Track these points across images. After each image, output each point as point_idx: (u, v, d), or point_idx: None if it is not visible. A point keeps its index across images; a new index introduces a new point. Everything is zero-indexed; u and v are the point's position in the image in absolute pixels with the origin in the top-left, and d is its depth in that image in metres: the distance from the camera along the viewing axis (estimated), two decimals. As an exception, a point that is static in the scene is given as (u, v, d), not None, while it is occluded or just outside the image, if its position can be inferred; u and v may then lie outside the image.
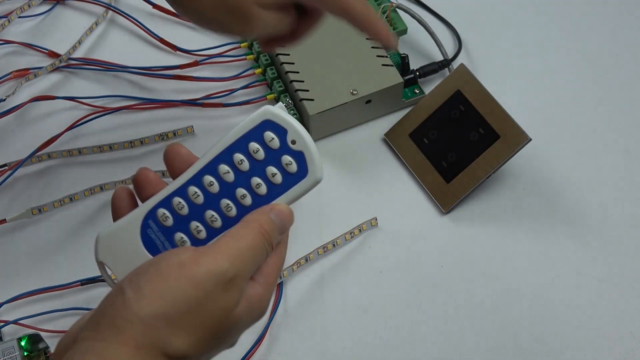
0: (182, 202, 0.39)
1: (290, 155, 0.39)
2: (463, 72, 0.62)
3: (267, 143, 0.39)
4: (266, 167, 0.39)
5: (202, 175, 0.39)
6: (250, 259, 0.37)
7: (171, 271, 0.34)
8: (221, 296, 0.35)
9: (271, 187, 0.39)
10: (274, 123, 0.39)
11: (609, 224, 0.61)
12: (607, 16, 0.74)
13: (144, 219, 0.39)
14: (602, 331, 0.55)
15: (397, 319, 0.56)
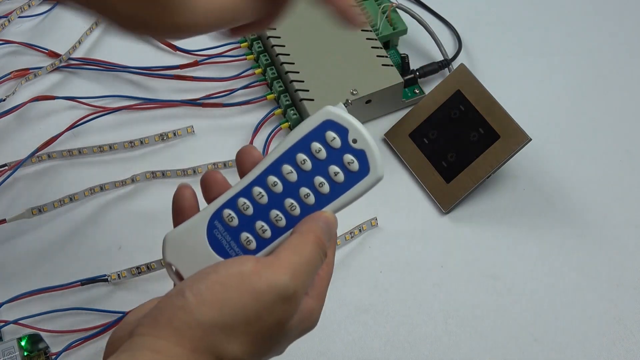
0: (247, 203, 0.39)
1: (351, 154, 0.39)
2: (463, 72, 0.62)
3: (329, 143, 0.39)
4: (328, 167, 0.39)
5: (267, 176, 0.39)
6: (309, 273, 0.37)
7: (233, 281, 0.35)
8: (279, 309, 0.35)
9: (333, 186, 0.39)
10: (335, 123, 0.40)
11: (609, 224, 0.61)
12: (607, 16, 0.74)
13: (210, 220, 0.40)
14: (602, 331, 0.55)
15: (397, 319, 0.56)
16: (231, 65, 0.69)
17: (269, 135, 0.63)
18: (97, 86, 0.69)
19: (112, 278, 0.57)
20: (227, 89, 0.67)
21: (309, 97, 0.63)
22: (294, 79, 0.64)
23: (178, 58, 0.70)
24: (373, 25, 0.68)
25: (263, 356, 0.37)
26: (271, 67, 0.67)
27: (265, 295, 0.35)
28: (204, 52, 0.70)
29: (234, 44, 0.70)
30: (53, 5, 0.75)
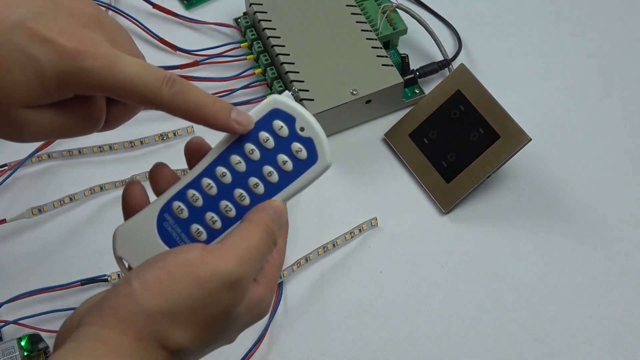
0: (196, 194, 0.39)
1: (299, 142, 0.39)
2: (463, 72, 0.62)
3: (277, 131, 0.39)
4: (277, 155, 0.39)
5: (215, 167, 0.39)
6: (256, 260, 0.37)
7: (178, 269, 0.35)
8: (225, 296, 0.35)
9: (282, 175, 0.39)
10: (282, 111, 0.39)
11: (609, 224, 0.61)
12: (607, 16, 0.74)
13: (159, 213, 0.40)
14: (602, 331, 0.55)
15: (397, 319, 0.56)
16: (231, 65, 0.69)
17: (269, 135, 0.63)
18: (97, 86, 0.69)
19: (112, 278, 0.57)
20: (227, 89, 0.67)
21: (309, 97, 0.63)
22: (294, 79, 0.64)
23: (178, 58, 0.70)
24: (373, 25, 0.68)
25: (210, 344, 0.37)
26: (271, 67, 0.67)
27: (210, 283, 0.35)
28: (204, 52, 0.70)
29: (234, 44, 0.70)
30: (53, 5, 0.75)
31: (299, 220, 0.61)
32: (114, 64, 0.36)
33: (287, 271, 0.57)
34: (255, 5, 0.68)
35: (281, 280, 0.57)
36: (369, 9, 0.69)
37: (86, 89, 0.36)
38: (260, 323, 0.56)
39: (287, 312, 0.57)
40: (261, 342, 0.55)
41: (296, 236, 0.60)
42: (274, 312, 0.56)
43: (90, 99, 0.38)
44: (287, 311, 0.57)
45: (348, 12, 0.68)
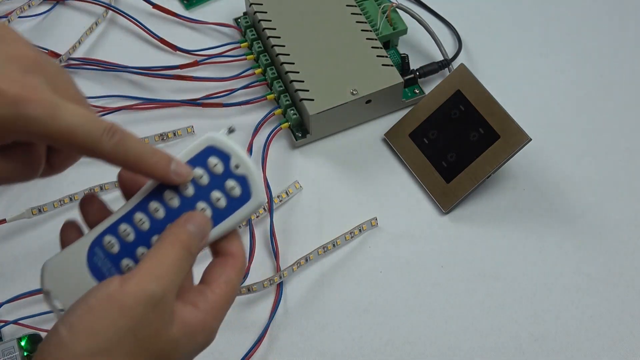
0: (128, 229, 0.39)
1: (234, 179, 0.39)
2: (463, 72, 0.62)
3: (211, 168, 0.39)
4: (211, 192, 0.39)
5: (149, 202, 0.39)
6: (174, 274, 0.36)
7: (101, 304, 0.34)
8: (151, 318, 0.35)
9: (216, 211, 0.39)
10: (218, 149, 0.39)
11: (609, 224, 0.61)
12: (608, 16, 0.74)
13: (90, 247, 0.39)
14: (602, 331, 0.56)
15: (397, 319, 0.56)
16: (231, 65, 0.69)
17: (269, 135, 0.64)
18: (97, 86, 0.69)
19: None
20: (227, 89, 0.67)
21: (309, 97, 0.63)
22: (294, 79, 0.64)
23: (178, 58, 0.70)
24: (373, 26, 0.68)
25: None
26: (271, 67, 0.67)
27: (133, 309, 0.34)
28: (204, 52, 0.70)
29: (234, 44, 0.70)
30: (53, 5, 0.75)
31: (299, 220, 0.61)
32: (55, 112, 0.35)
33: (287, 271, 0.57)
34: (255, 5, 0.68)
35: (281, 280, 0.57)
36: (369, 9, 0.69)
37: (26, 135, 0.35)
38: (260, 323, 0.56)
39: (287, 312, 0.57)
40: (261, 342, 0.55)
41: (296, 236, 0.60)
42: (274, 312, 0.56)
43: (29, 145, 0.38)
44: (287, 311, 0.57)
45: (348, 12, 0.68)
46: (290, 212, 0.62)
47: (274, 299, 0.57)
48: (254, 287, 0.56)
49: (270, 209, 0.60)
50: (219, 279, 0.39)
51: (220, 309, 0.39)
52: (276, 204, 0.62)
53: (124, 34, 0.73)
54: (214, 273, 0.39)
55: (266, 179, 0.61)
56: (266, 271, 0.59)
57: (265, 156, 0.63)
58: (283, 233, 0.60)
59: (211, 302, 0.38)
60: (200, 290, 0.38)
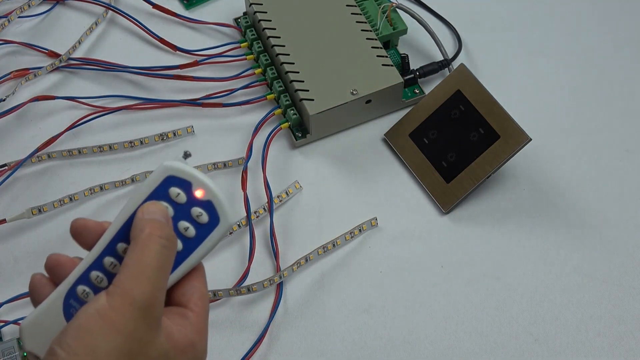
0: (100, 275, 0.38)
1: (199, 206, 0.38)
2: (463, 72, 0.62)
3: (174, 199, 0.38)
4: (178, 223, 0.38)
5: (116, 244, 0.38)
6: (157, 270, 0.36)
7: (93, 323, 0.35)
8: (143, 329, 0.35)
9: (186, 241, 0.38)
10: (177, 178, 0.38)
11: (609, 224, 0.61)
12: (608, 16, 0.74)
13: (65, 299, 0.38)
14: (602, 331, 0.55)
15: (397, 319, 0.56)
16: (231, 65, 0.69)
17: (268, 135, 0.64)
18: (97, 86, 0.69)
19: None
20: (227, 89, 0.67)
21: (309, 97, 0.63)
22: (294, 79, 0.64)
23: (178, 58, 0.70)
24: (373, 26, 0.68)
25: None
26: (271, 67, 0.67)
27: (124, 325, 0.35)
28: (204, 52, 0.70)
29: (234, 44, 0.70)
30: (53, 5, 0.75)
31: (299, 220, 0.61)
32: None
33: (287, 271, 0.57)
34: (255, 5, 0.68)
35: (281, 280, 0.57)
36: (369, 9, 0.69)
37: None
38: (260, 323, 0.56)
39: (287, 312, 0.57)
40: (261, 342, 0.55)
41: (296, 236, 0.60)
42: (274, 312, 0.56)
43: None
44: (287, 311, 0.57)
45: (348, 12, 0.68)
46: (290, 212, 0.62)
47: (274, 299, 0.57)
48: (254, 287, 0.56)
49: (270, 209, 0.60)
50: (193, 296, 0.39)
51: (204, 325, 0.39)
52: (276, 204, 0.62)
53: (124, 34, 0.73)
54: (186, 291, 0.39)
55: (266, 179, 0.61)
56: (266, 271, 0.59)
57: (265, 156, 0.63)
58: (283, 233, 0.60)
59: (194, 321, 0.38)
60: (180, 312, 0.38)
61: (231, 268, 0.59)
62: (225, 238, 0.60)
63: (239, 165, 0.64)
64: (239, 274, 0.58)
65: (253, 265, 0.58)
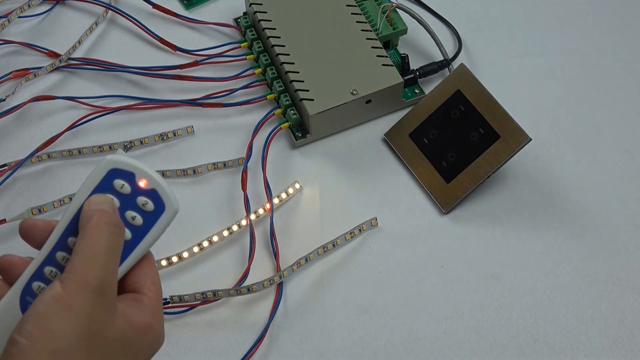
0: (53, 270, 0.39)
1: (144, 195, 0.39)
2: (463, 72, 0.62)
3: (119, 190, 0.39)
4: (125, 213, 0.39)
5: (66, 238, 0.39)
6: (107, 254, 0.37)
7: (50, 308, 0.35)
8: (99, 311, 0.36)
9: (134, 230, 0.39)
10: (120, 170, 0.39)
11: (609, 224, 0.61)
12: (607, 16, 0.74)
13: (21, 297, 0.39)
14: (602, 331, 0.55)
15: (397, 319, 0.56)
16: (231, 65, 0.69)
17: (268, 135, 0.64)
18: (97, 86, 0.69)
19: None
20: (227, 89, 0.67)
21: (309, 97, 0.63)
22: (294, 79, 0.64)
23: (178, 58, 0.70)
24: (373, 26, 0.68)
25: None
26: (271, 67, 0.67)
27: (80, 307, 0.35)
28: (204, 52, 0.70)
29: (234, 44, 0.70)
30: (53, 5, 0.75)
31: (299, 220, 0.61)
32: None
33: (287, 271, 0.57)
34: (255, 5, 0.68)
35: (281, 280, 0.57)
36: (369, 9, 0.69)
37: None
38: (260, 323, 0.56)
39: (287, 312, 0.57)
40: (261, 342, 0.55)
41: (296, 236, 0.60)
42: (274, 312, 0.56)
43: None
44: (287, 311, 0.57)
45: (348, 12, 0.68)
46: (290, 212, 0.62)
47: (274, 299, 0.57)
48: (254, 287, 0.56)
49: (270, 209, 0.60)
50: (146, 282, 0.40)
51: (158, 308, 0.40)
52: (276, 204, 0.62)
53: (124, 34, 0.73)
54: (138, 278, 0.40)
55: (266, 179, 0.61)
56: (266, 271, 0.59)
57: (265, 156, 0.63)
58: (283, 233, 0.60)
59: (149, 306, 0.39)
60: (135, 298, 0.39)
61: (231, 268, 0.59)
62: (224, 238, 0.60)
63: (239, 165, 0.64)
64: (239, 274, 0.58)
65: (253, 265, 0.58)
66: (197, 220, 0.61)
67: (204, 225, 0.60)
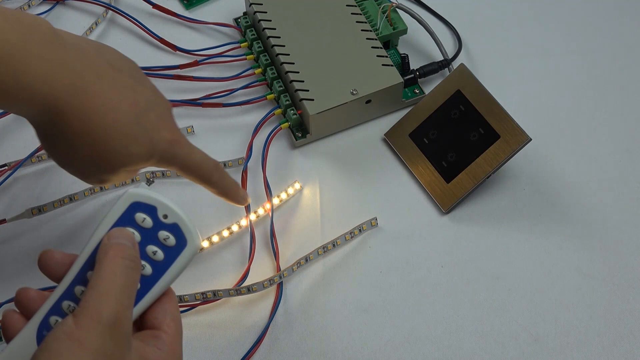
0: (71, 305, 0.39)
1: (165, 229, 0.39)
2: (463, 72, 0.62)
3: (140, 224, 0.39)
4: (145, 247, 0.39)
5: (85, 272, 0.39)
6: (123, 289, 0.37)
7: (61, 344, 0.35)
8: (111, 347, 0.35)
9: (155, 265, 0.39)
10: (142, 203, 0.39)
11: (609, 224, 0.61)
12: (607, 16, 0.74)
13: (37, 331, 0.39)
14: (602, 331, 0.56)
15: (397, 319, 0.56)
16: (231, 65, 0.69)
17: (269, 135, 0.64)
18: (97, 86, 0.69)
19: None
20: (227, 89, 0.67)
21: (309, 97, 0.63)
22: (294, 79, 0.64)
23: (178, 58, 0.70)
24: (373, 26, 0.68)
25: None
26: (271, 67, 0.67)
27: (92, 343, 0.35)
28: (204, 52, 0.70)
29: (234, 44, 0.70)
30: (53, 5, 0.75)
31: (299, 220, 0.61)
32: (191, 153, 0.48)
33: (287, 271, 0.57)
34: (255, 5, 0.68)
35: (281, 280, 0.57)
36: (369, 9, 0.69)
37: (168, 165, 0.48)
38: (261, 323, 0.56)
39: (287, 312, 0.57)
40: (261, 342, 0.55)
41: (296, 236, 0.60)
42: (274, 312, 0.56)
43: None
44: (287, 311, 0.57)
45: (348, 12, 0.68)
46: (290, 212, 0.62)
47: (274, 299, 0.57)
48: (254, 287, 0.56)
49: (270, 209, 0.60)
50: (165, 318, 0.40)
51: (177, 346, 0.40)
52: (276, 204, 0.62)
53: (124, 34, 0.73)
54: (158, 314, 0.40)
55: (266, 179, 0.61)
56: (266, 271, 0.59)
57: (265, 156, 0.63)
58: (283, 233, 0.60)
59: (167, 342, 0.39)
60: (153, 335, 0.39)
61: (231, 268, 0.59)
62: (224, 238, 0.60)
63: (239, 165, 0.64)
64: (239, 274, 0.58)
65: (253, 265, 0.58)
66: (197, 220, 0.61)
67: (204, 225, 0.60)
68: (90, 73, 0.43)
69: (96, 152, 0.44)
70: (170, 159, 0.47)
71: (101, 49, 0.46)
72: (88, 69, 0.43)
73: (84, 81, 0.43)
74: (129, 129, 0.44)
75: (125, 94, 0.45)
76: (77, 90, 0.42)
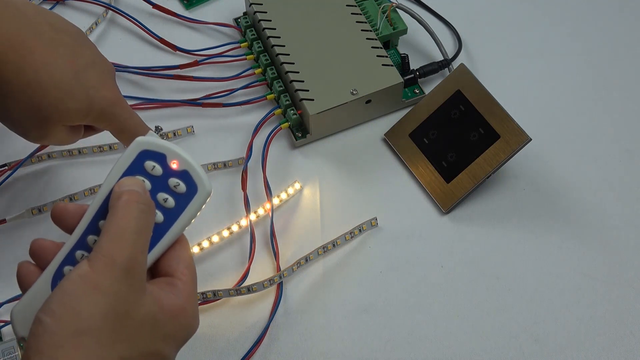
0: (84, 253, 0.39)
1: (175, 177, 0.39)
2: (463, 72, 0.62)
3: (150, 172, 0.39)
4: (156, 195, 0.39)
5: (97, 221, 0.39)
6: (137, 234, 0.37)
7: (76, 286, 0.35)
8: (125, 290, 0.36)
9: (167, 212, 0.39)
10: (151, 151, 0.39)
11: (609, 224, 0.61)
12: (607, 16, 0.74)
13: (52, 281, 0.39)
14: (602, 331, 0.56)
15: (397, 319, 0.56)
16: (231, 65, 0.69)
17: (269, 135, 0.64)
18: (97, 86, 0.69)
19: None
20: (227, 89, 0.67)
21: (309, 97, 0.63)
22: (294, 79, 0.64)
23: (178, 58, 0.70)
24: (373, 26, 0.68)
25: (144, 357, 0.37)
26: (271, 67, 0.67)
27: (107, 286, 0.35)
28: (204, 52, 0.70)
29: (234, 44, 0.70)
30: (53, 5, 0.75)
31: (299, 220, 0.61)
32: (131, 116, 0.50)
33: (287, 271, 0.57)
34: (255, 5, 0.68)
35: (281, 280, 0.57)
36: (369, 9, 0.69)
37: (107, 125, 0.50)
38: (261, 323, 0.56)
39: (287, 312, 0.57)
40: (261, 342, 0.55)
41: (296, 236, 0.60)
42: (274, 312, 0.56)
43: (90, 126, 0.52)
44: (287, 311, 0.57)
45: (348, 12, 0.68)
46: (290, 212, 0.62)
47: (274, 299, 0.57)
48: (254, 287, 0.56)
49: (270, 209, 0.60)
50: (179, 266, 0.40)
51: (192, 291, 0.40)
52: (276, 204, 0.62)
53: (124, 34, 0.73)
54: (171, 262, 0.40)
55: (266, 179, 0.61)
56: (266, 271, 0.59)
57: (265, 156, 0.63)
58: (283, 233, 0.60)
59: (182, 289, 0.39)
60: (168, 282, 0.39)
61: (231, 268, 0.59)
62: (224, 238, 0.60)
63: (239, 165, 0.64)
64: (239, 274, 0.58)
65: (253, 265, 0.58)
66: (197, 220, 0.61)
67: (204, 225, 0.60)
68: (28, 30, 0.45)
69: (32, 106, 0.46)
70: (110, 117, 0.49)
71: (43, 11, 0.48)
72: (26, 26, 0.46)
73: (21, 37, 0.45)
74: (66, 84, 0.46)
75: (63, 51, 0.47)
76: (13, 45, 0.44)
